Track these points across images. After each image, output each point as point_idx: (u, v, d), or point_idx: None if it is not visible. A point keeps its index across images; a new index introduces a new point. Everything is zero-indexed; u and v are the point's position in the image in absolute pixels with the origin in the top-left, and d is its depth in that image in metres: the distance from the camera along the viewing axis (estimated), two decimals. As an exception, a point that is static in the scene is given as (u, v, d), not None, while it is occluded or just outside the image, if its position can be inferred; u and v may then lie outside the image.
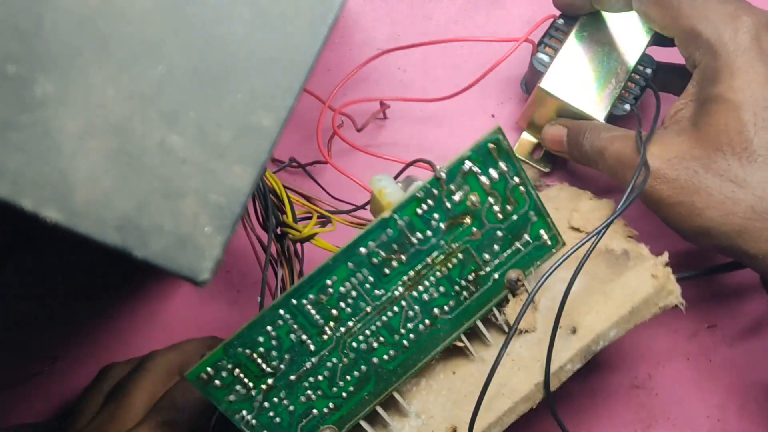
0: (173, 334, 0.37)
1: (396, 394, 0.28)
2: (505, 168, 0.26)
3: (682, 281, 0.28)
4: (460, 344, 0.29)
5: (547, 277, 0.26)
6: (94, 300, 0.38)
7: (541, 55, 0.35)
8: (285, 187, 0.31)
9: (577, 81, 0.34)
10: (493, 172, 0.26)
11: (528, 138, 0.38)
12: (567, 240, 0.29)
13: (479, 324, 0.29)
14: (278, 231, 0.31)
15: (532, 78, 0.36)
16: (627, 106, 0.34)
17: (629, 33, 0.34)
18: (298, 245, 0.32)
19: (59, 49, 0.18)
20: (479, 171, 0.26)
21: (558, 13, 0.35)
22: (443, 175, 0.26)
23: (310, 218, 0.31)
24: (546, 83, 0.34)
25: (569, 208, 0.32)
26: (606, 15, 0.34)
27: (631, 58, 0.34)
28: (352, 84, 0.39)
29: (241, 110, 0.19)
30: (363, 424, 0.28)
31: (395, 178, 0.29)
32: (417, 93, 0.39)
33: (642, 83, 0.34)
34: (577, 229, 0.31)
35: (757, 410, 0.37)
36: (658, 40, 0.33)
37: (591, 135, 0.32)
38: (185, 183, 0.19)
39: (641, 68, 0.34)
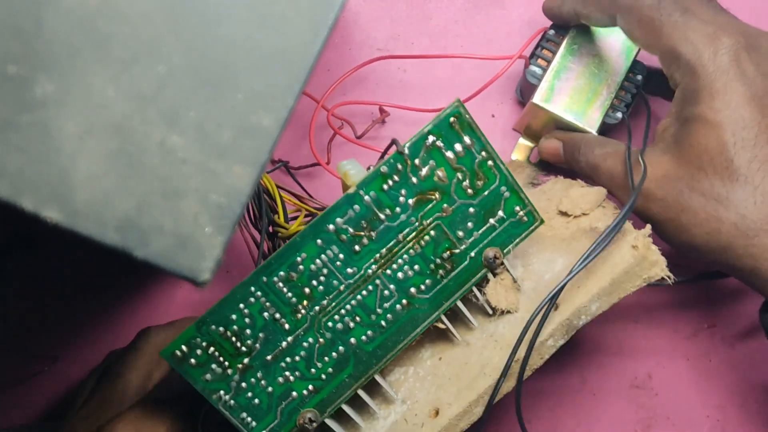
0: (173, 334, 0.37)
1: (381, 380, 0.28)
2: (469, 142, 0.26)
3: (682, 284, 0.28)
4: (441, 326, 0.28)
5: (566, 282, 0.26)
6: (94, 300, 0.38)
7: (533, 68, 0.35)
8: (278, 186, 0.31)
9: (569, 93, 0.34)
10: (457, 146, 0.26)
11: (525, 143, 0.39)
12: (555, 225, 0.29)
13: (460, 305, 0.28)
14: (270, 230, 0.31)
15: (525, 88, 0.37)
16: (619, 115, 0.35)
17: (619, 41, 0.34)
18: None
19: (59, 49, 0.18)
20: (443, 145, 0.26)
21: (549, 24, 0.36)
22: (406, 150, 0.26)
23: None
24: (538, 98, 0.34)
25: (561, 196, 0.32)
26: (596, 26, 0.34)
27: (622, 66, 0.34)
28: (352, 84, 0.39)
29: (241, 110, 0.19)
30: (346, 409, 0.28)
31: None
32: (416, 92, 0.39)
33: (633, 90, 0.35)
34: (565, 213, 0.31)
35: (757, 410, 0.37)
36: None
37: (585, 150, 0.33)
38: (185, 183, 0.19)
39: (632, 75, 0.35)
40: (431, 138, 0.26)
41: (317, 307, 0.27)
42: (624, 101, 0.35)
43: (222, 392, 0.26)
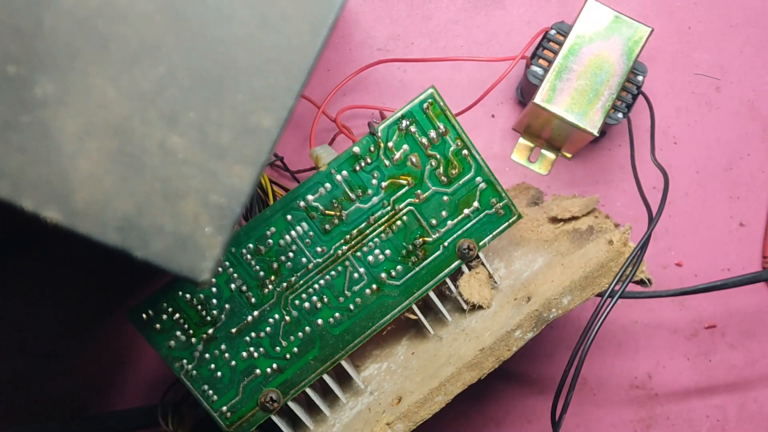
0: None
1: (348, 367, 0.28)
2: (443, 129, 0.27)
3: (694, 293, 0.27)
4: (413, 317, 0.28)
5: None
6: (94, 300, 0.38)
7: (535, 68, 0.35)
8: (271, 181, 0.31)
9: (571, 94, 0.34)
10: (431, 133, 0.27)
11: (525, 143, 0.39)
12: (544, 231, 0.29)
13: (434, 299, 0.28)
14: None
15: (526, 88, 0.37)
16: (620, 115, 0.35)
17: (621, 42, 0.34)
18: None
19: (59, 49, 0.18)
20: (416, 131, 0.26)
21: (551, 24, 0.36)
22: (379, 132, 0.26)
23: None
24: (540, 98, 0.34)
25: (553, 206, 0.32)
26: (596, 26, 0.34)
27: (623, 66, 0.34)
28: (352, 84, 0.38)
29: (241, 111, 0.19)
30: (312, 395, 0.28)
31: None
32: (416, 93, 0.39)
33: (634, 91, 0.35)
34: (555, 218, 0.31)
35: (757, 410, 0.37)
36: None
37: None
38: (185, 183, 0.19)
39: (633, 76, 0.35)
40: (405, 122, 0.26)
41: (284, 284, 0.27)
42: (625, 102, 0.35)
43: (185, 361, 0.26)
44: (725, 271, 0.38)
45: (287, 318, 0.27)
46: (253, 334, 0.27)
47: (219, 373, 0.27)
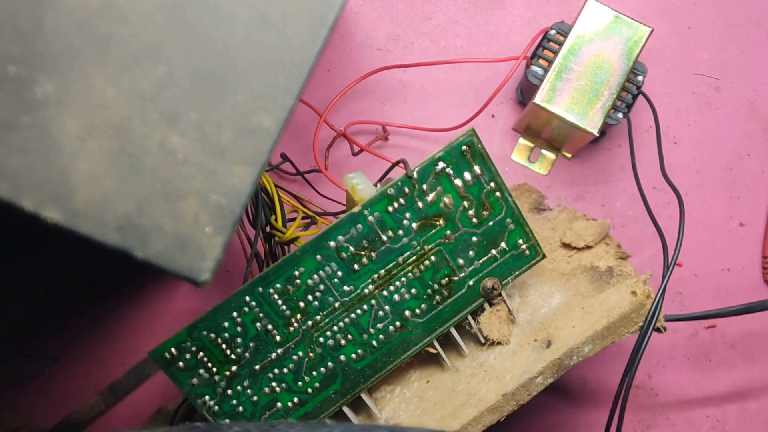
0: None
1: (366, 398, 0.28)
2: (479, 171, 0.26)
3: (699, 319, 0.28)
4: (433, 351, 0.28)
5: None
6: (94, 300, 0.38)
7: (535, 68, 0.35)
8: (276, 186, 0.31)
9: (571, 94, 0.34)
10: (467, 175, 0.26)
11: (525, 143, 0.39)
12: (556, 257, 0.29)
13: (454, 332, 0.28)
14: (267, 229, 0.31)
15: (527, 88, 0.37)
16: (620, 115, 0.35)
17: (621, 42, 0.34)
18: (286, 247, 0.32)
19: (60, 49, 0.18)
20: (452, 173, 0.26)
21: (551, 24, 0.36)
22: (414, 174, 0.26)
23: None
24: (540, 98, 0.34)
25: (564, 227, 0.32)
26: (596, 26, 0.34)
27: (623, 66, 0.34)
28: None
29: (241, 111, 0.19)
30: (327, 422, 0.28)
31: (379, 180, 0.30)
32: (416, 93, 0.39)
33: (634, 91, 0.35)
34: (568, 245, 0.31)
35: (757, 410, 0.37)
36: None
37: None
38: (186, 183, 0.19)
39: (633, 76, 0.35)
40: (441, 164, 0.26)
41: (310, 322, 0.27)
42: (625, 102, 0.35)
43: (207, 397, 0.26)
44: (725, 271, 0.38)
45: (311, 354, 0.27)
46: (276, 371, 0.27)
47: (240, 408, 0.27)
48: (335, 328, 0.27)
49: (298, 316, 0.26)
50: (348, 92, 0.39)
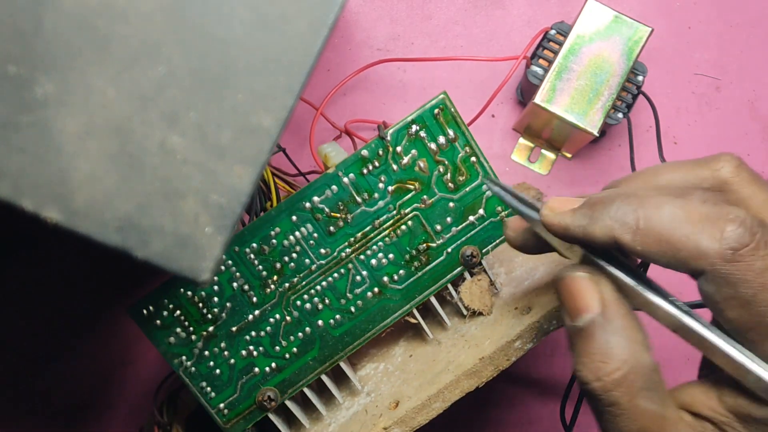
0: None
1: (347, 369, 0.28)
2: (453, 135, 0.27)
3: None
4: (413, 320, 0.28)
5: None
6: (94, 300, 0.38)
7: (535, 68, 0.35)
8: (273, 174, 0.31)
9: (571, 94, 0.34)
10: (441, 139, 0.27)
11: (525, 143, 0.39)
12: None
13: (435, 303, 0.28)
14: (261, 215, 0.31)
15: (527, 88, 0.37)
16: (620, 115, 0.35)
17: (621, 42, 0.34)
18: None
19: (60, 49, 0.18)
20: (426, 136, 0.26)
21: (551, 24, 0.36)
22: (388, 136, 0.26)
23: None
24: (540, 98, 0.34)
25: None
26: (596, 26, 0.34)
27: (623, 66, 0.34)
28: (352, 83, 0.39)
29: (241, 111, 0.19)
30: (309, 394, 0.28)
31: None
32: (416, 92, 0.39)
33: (634, 91, 0.35)
34: None
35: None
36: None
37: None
38: (186, 183, 0.19)
39: (633, 76, 0.35)
40: (414, 127, 0.26)
41: (287, 284, 0.27)
42: (625, 102, 0.35)
43: (184, 357, 0.27)
44: (725, 271, 0.38)
45: (288, 318, 0.27)
46: (253, 333, 0.27)
47: (218, 371, 0.27)
48: (312, 291, 0.27)
49: (275, 277, 0.27)
50: (348, 92, 0.39)
